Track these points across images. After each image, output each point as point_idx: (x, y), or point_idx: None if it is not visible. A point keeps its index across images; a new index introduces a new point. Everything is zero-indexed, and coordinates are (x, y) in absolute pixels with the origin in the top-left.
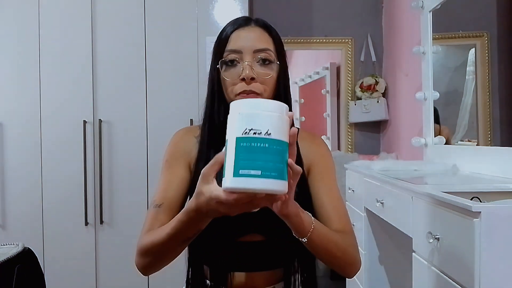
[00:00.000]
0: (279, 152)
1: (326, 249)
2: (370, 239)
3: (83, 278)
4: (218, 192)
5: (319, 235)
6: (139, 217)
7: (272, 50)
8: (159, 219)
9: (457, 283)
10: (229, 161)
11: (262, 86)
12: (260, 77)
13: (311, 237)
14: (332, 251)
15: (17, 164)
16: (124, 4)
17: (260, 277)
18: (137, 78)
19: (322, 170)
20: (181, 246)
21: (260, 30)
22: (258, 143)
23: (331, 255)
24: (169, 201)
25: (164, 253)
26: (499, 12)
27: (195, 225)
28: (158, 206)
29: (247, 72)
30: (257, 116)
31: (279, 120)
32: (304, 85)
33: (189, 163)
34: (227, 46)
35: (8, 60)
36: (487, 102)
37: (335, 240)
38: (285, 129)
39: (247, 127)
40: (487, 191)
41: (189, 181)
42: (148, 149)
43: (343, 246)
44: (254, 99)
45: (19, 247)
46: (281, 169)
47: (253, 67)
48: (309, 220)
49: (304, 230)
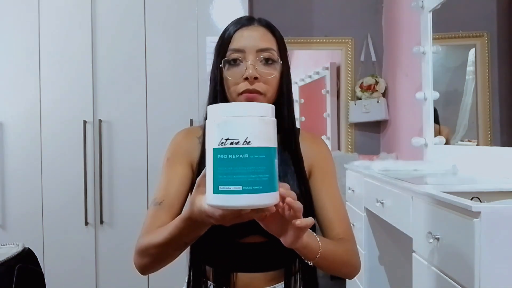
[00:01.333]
0: (263, 162)
1: (330, 266)
2: (370, 239)
3: (83, 278)
4: (206, 207)
5: (325, 257)
6: (139, 217)
7: (275, 50)
8: (160, 217)
9: (457, 283)
10: (209, 176)
11: (265, 85)
12: (264, 77)
13: (317, 260)
14: (336, 266)
15: (17, 164)
16: (124, 4)
17: (261, 277)
18: (137, 78)
19: (324, 173)
20: (178, 250)
21: (263, 29)
22: (236, 154)
23: (335, 269)
24: (170, 198)
25: (161, 256)
26: (499, 12)
27: (192, 232)
28: (158, 204)
29: (250, 71)
30: (233, 122)
31: (261, 124)
32: (304, 85)
33: (191, 162)
34: (230, 45)
35: (8, 60)
36: (487, 102)
37: (339, 255)
38: (269, 133)
39: (223, 137)
40: (487, 191)
41: (190, 179)
42: (148, 149)
43: (347, 258)
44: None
45: (19, 247)
46: (267, 181)
47: (256, 67)
48: (316, 246)
49: (311, 256)
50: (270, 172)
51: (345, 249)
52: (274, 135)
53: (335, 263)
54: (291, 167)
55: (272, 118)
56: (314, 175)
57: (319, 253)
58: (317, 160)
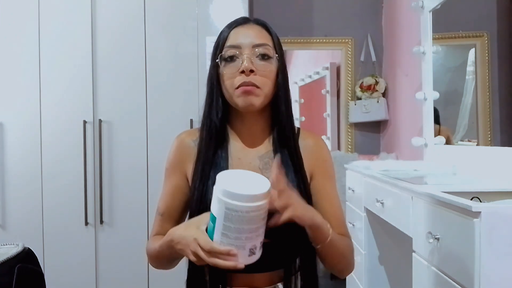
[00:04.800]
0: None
1: (333, 255)
2: (370, 239)
3: (83, 278)
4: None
5: (332, 244)
6: (139, 217)
7: (271, 46)
8: (162, 226)
9: (457, 283)
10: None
11: (261, 79)
12: (260, 70)
13: (325, 245)
14: (338, 257)
15: (17, 164)
16: (124, 4)
17: (261, 277)
18: (137, 78)
19: (323, 175)
20: (171, 263)
21: (258, 27)
22: None
23: (336, 260)
24: (169, 210)
25: (159, 263)
26: (499, 12)
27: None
28: (160, 215)
29: (246, 64)
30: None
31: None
32: (304, 85)
33: (185, 171)
34: (226, 43)
35: (8, 60)
36: (487, 102)
37: (342, 247)
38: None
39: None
40: (487, 191)
41: (186, 188)
42: (148, 149)
43: (347, 252)
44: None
45: (19, 247)
46: None
47: (252, 60)
48: (328, 231)
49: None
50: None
51: (347, 243)
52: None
53: (338, 253)
54: (291, 167)
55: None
56: (315, 179)
57: (329, 238)
58: (318, 163)
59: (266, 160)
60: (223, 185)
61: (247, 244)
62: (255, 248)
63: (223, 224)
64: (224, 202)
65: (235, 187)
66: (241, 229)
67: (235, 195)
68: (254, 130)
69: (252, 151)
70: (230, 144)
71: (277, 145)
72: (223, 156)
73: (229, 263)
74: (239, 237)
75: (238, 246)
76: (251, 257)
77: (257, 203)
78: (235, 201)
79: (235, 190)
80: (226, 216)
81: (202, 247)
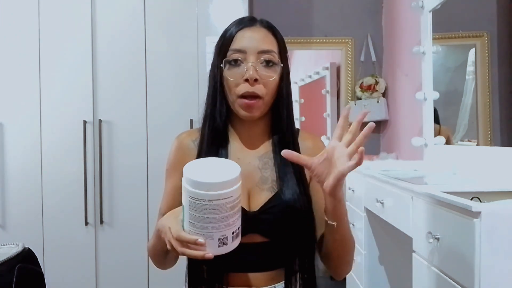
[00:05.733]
0: None
1: (342, 242)
2: (370, 239)
3: (83, 278)
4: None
5: (345, 227)
6: (139, 217)
7: (276, 52)
8: None
9: (457, 283)
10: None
11: (264, 88)
12: (263, 79)
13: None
14: (345, 245)
15: (17, 164)
16: (124, 4)
17: (261, 277)
18: (137, 78)
19: None
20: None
21: (265, 31)
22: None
23: (343, 249)
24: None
25: (157, 259)
26: (499, 12)
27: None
28: (162, 215)
29: (251, 73)
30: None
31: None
32: (304, 85)
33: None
34: (232, 46)
35: (8, 60)
36: (487, 102)
37: (349, 237)
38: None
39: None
40: (487, 191)
41: None
42: (148, 149)
43: (351, 245)
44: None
45: (19, 247)
46: None
47: (257, 68)
48: (345, 209)
49: (340, 214)
50: None
51: (352, 235)
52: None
53: (347, 239)
54: (291, 167)
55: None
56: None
57: (346, 217)
58: None
59: (266, 160)
60: (187, 173)
61: (215, 234)
62: (225, 238)
63: (189, 213)
64: (187, 190)
65: (198, 175)
66: (206, 218)
67: (196, 183)
68: (254, 133)
69: (252, 151)
70: (230, 145)
71: (277, 146)
72: (224, 156)
73: (197, 252)
74: (204, 226)
75: (206, 236)
76: (222, 247)
77: (219, 192)
78: (196, 189)
79: (197, 178)
80: (191, 205)
81: (172, 236)
